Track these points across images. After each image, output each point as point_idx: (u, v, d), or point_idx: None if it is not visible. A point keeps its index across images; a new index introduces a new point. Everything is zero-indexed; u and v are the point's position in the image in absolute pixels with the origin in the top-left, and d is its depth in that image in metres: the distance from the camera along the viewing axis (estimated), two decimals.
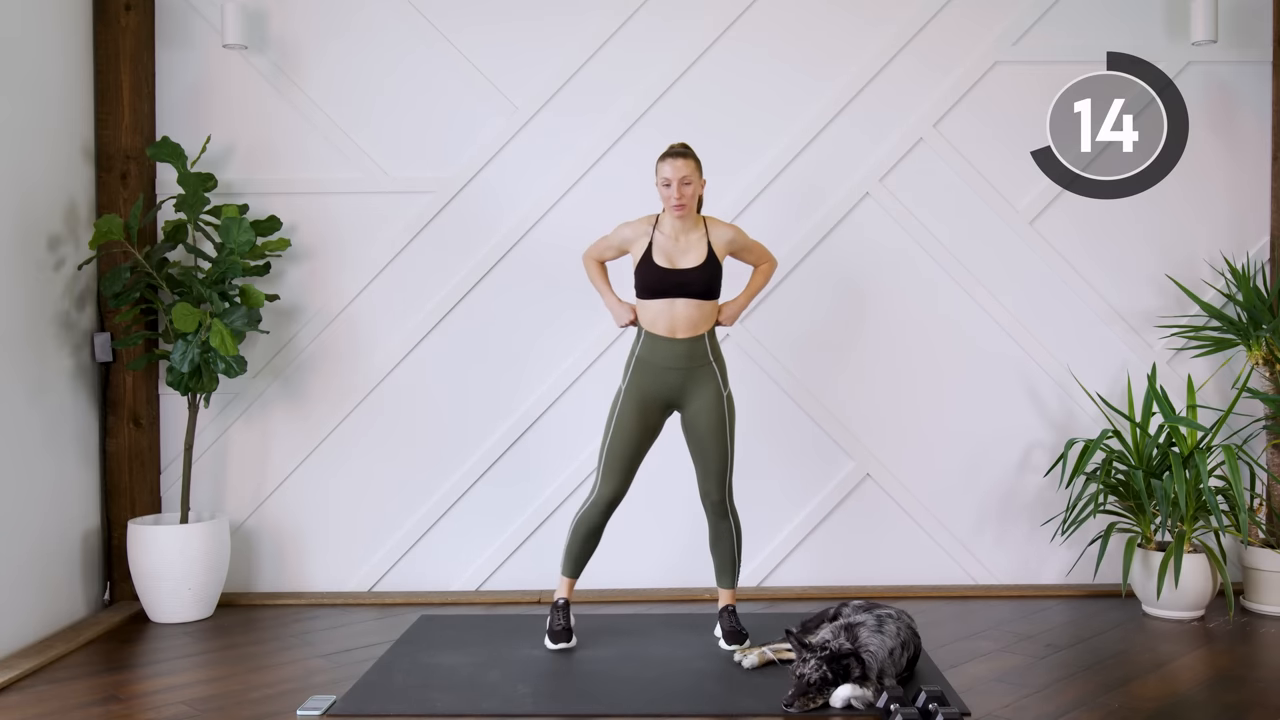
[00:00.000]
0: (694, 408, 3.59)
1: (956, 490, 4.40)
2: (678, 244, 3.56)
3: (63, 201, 4.00)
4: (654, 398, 3.59)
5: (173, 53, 4.36)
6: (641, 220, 3.63)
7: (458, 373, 4.39)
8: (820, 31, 4.39)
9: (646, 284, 3.54)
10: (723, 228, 3.61)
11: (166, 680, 3.38)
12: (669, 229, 3.57)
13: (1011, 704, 3.07)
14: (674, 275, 3.52)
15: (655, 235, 3.57)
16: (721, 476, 3.61)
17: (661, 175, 3.53)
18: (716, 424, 3.58)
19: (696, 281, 3.52)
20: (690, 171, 3.52)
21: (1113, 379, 4.40)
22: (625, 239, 3.63)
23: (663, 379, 3.57)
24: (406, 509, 4.40)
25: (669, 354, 3.55)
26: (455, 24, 4.38)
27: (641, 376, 3.58)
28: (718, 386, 3.59)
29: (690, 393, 3.58)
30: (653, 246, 3.55)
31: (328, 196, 4.38)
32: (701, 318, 3.56)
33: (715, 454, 3.59)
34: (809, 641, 3.08)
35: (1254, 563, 4.03)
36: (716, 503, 3.64)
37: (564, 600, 3.68)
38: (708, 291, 3.55)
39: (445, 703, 3.09)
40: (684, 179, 3.50)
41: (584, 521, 3.62)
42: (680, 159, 3.52)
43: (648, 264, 3.53)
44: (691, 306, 3.53)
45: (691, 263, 3.54)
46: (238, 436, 4.39)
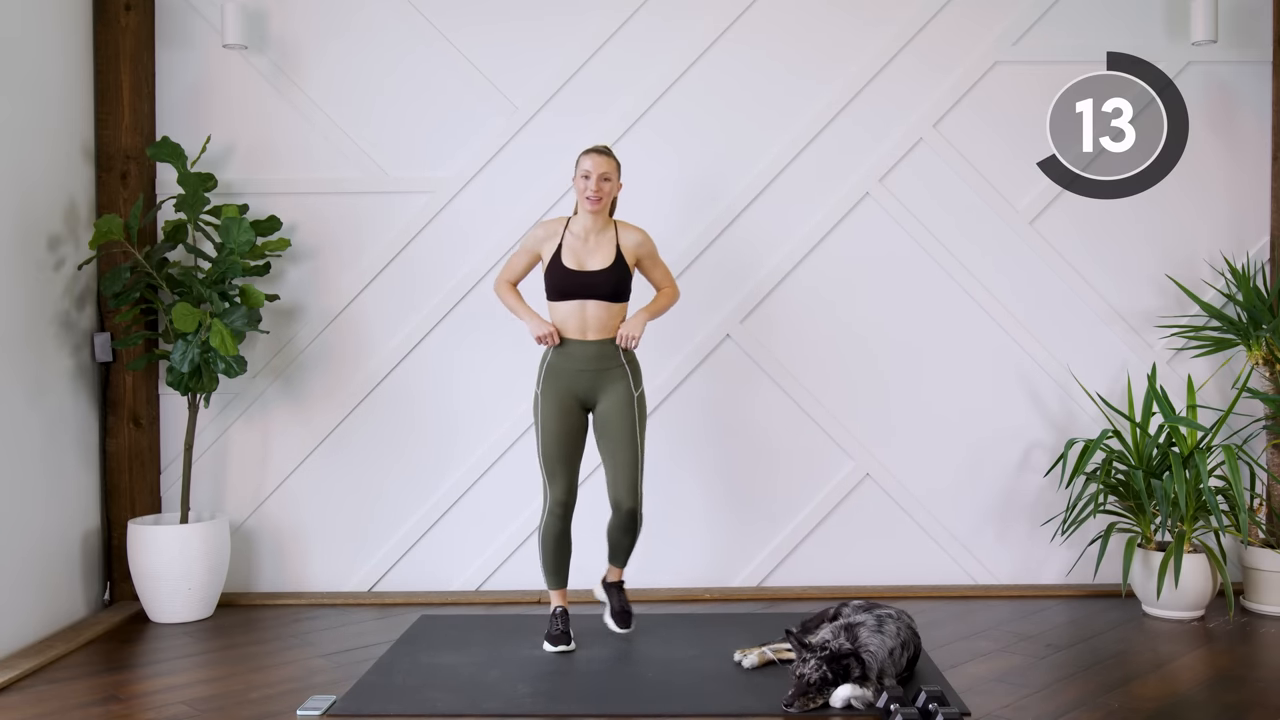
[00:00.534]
0: (603, 408, 3.59)
1: (956, 490, 4.40)
2: (586, 244, 3.58)
3: (63, 201, 4.01)
4: (569, 397, 3.59)
5: (173, 53, 4.36)
6: (553, 221, 3.66)
7: (457, 372, 4.39)
8: (820, 31, 4.39)
9: (556, 285, 3.56)
10: (632, 231, 3.63)
11: (166, 680, 3.38)
12: (579, 229, 3.60)
13: (1011, 704, 3.07)
14: (581, 276, 3.54)
15: (565, 236, 3.59)
16: (632, 481, 3.57)
17: (581, 168, 3.55)
18: (626, 424, 3.57)
19: (604, 283, 3.54)
20: (610, 170, 3.56)
21: (1113, 379, 4.40)
22: (536, 239, 3.63)
23: (575, 380, 3.58)
24: (406, 509, 4.40)
25: (580, 355, 3.56)
26: (455, 24, 4.38)
27: (555, 379, 3.59)
28: (628, 386, 3.59)
29: (601, 393, 3.59)
30: (562, 248, 3.57)
31: (328, 196, 4.38)
32: (610, 319, 3.57)
33: (625, 455, 3.57)
34: (809, 641, 3.08)
35: (1254, 563, 4.03)
36: (629, 511, 3.58)
37: (560, 609, 3.67)
38: (616, 294, 3.56)
39: (445, 703, 3.09)
40: (603, 175, 3.53)
41: (548, 531, 3.61)
42: (602, 155, 3.57)
43: (556, 265, 3.56)
44: (601, 308, 3.55)
45: (599, 264, 3.55)
46: (238, 436, 4.39)
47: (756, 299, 4.37)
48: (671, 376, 4.35)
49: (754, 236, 4.38)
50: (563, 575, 3.68)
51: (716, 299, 4.37)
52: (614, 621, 3.69)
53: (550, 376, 3.59)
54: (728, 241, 4.38)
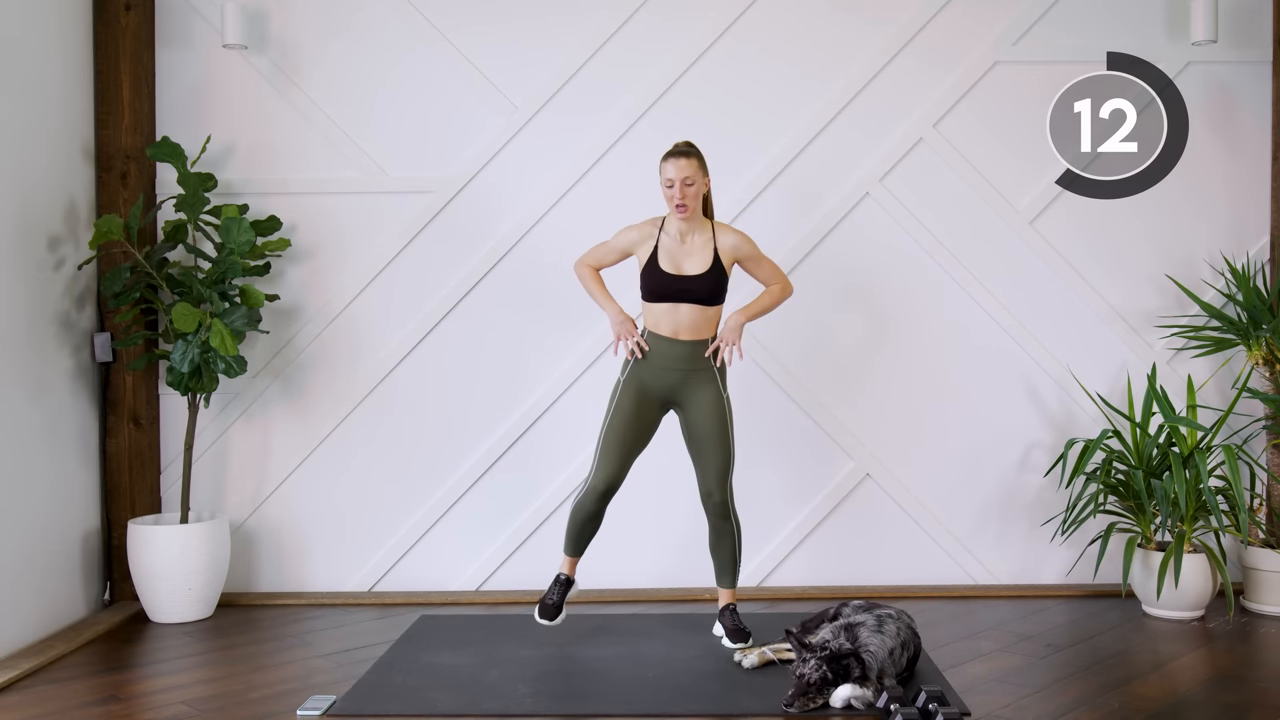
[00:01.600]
0: (693, 410, 3.59)
1: (956, 490, 4.40)
2: (683, 246, 3.54)
3: (63, 201, 4.00)
4: (652, 394, 3.59)
5: (173, 53, 4.36)
6: (646, 223, 3.60)
7: (458, 372, 4.39)
8: (820, 31, 4.39)
9: (651, 288, 3.54)
10: (730, 234, 3.58)
11: (166, 680, 3.38)
12: (674, 231, 3.55)
13: (1011, 704, 3.07)
14: (679, 281, 3.51)
15: (661, 238, 3.55)
16: (723, 477, 3.61)
17: (664, 176, 3.50)
18: (717, 426, 3.57)
19: (700, 288, 3.51)
20: (693, 171, 3.48)
21: (1113, 379, 4.40)
22: (630, 242, 3.60)
23: (662, 377, 3.57)
24: (406, 509, 4.40)
25: (670, 354, 3.55)
26: (455, 24, 4.38)
27: (642, 371, 3.58)
28: (717, 389, 3.59)
29: (689, 394, 3.58)
30: (658, 250, 3.53)
31: (328, 196, 4.38)
32: (705, 322, 3.55)
33: (716, 455, 3.59)
34: (809, 641, 3.08)
35: (1254, 563, 4.03)
36: (719, 504, 3.63)
37: (564, 576, 3.69)
38: (712, 298, 3.53)
39: (445, 703, 3.09)
40: (686, 179, 3.46)
41: (580, 509, 3.62)
42: (683, 158, 3.49)
43: (653, 269, 3.52)
44: (695, 311, 3.52)
45: (696, 268, 3.52)
46: (238, 436, 4.39)
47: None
48: None
49: (753, 235, 4.35)
50: (581, 546, 3.69)
51: None
52: (728, 638, 3.63)
53: (637, 366, 3.58)
54: None
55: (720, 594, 3.73)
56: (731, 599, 3.71)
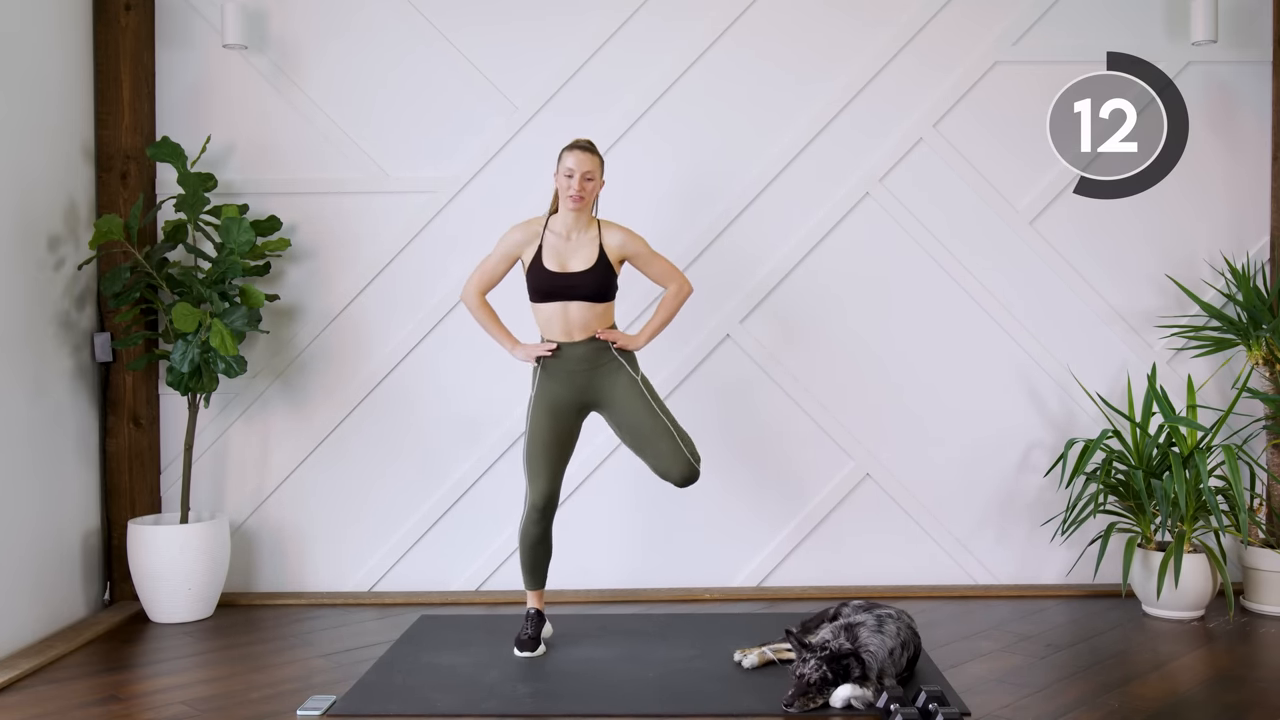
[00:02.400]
0: (614, 405, 3.53)
1: (956, 490, 4.40)
2: (569, 243, 3.50)
3: (63, 201, 4.00)
4: (565, 401, 3.53)
5: (173, 53, 4.36)
6: (531, 221, 3.57)
7: (458, 372, 4.39)
8: (820, 31, 4.39)
9: (538, 287, 3.49)
10: (617, 231, 3.53)
11: (166, 680, 3.38)
12: (560, 227, 3.51)
13: (1011, 704, 3.07)
14: (564, 279, 3.46)
15: (545, 236, 3.51)
16: (677, 450, 3.48)
17: (565, 165, 3.46)
18: (643, 410, 3.50)
19: (586, 285, 3.46)
20: (594, 167, 3.47)
21: (1113, 379, 4.40)
22: (515, 243, 3.55)
23: (570, 381, 3.52)
24: (407, 509, 4.40)
25: (570, 357, 3.51)
26: (455, 24, 4.38)
27: (549, 381, 3.53)
28: (628, 375, 3.53)
29: (602, 392, 3.53)
30: (543, 248, 3.49)
31: (328, 196, 4.38)
32: (595, 319, 3.50)
33: (660, 435, 3.48)
34: (809, 641, 3.08)
35: (1254, 563, 4.03)
36: (684, 477, 3.49)
37: (534, 611, 3.64)
38: (599, 295, 3.48)
39: (445, 703, 3.09)
40: (586, 173, 3.44)
41: (525, 535, 3.58)
42: (586, 153, 3.47)
43: (538, 268, 3.48)
44: (585, 309, 3.48)
45: (581, 265, 3.48)
46: (238, 436, 4.39)
47: (756, 299, 4.37)
48: (671, 377, 4.34)
49: (754, 236, 4.38)
50: (539, 576, 3.64)
51: (716, 299, 4.36)
52: None
53: (544, 379, 3.55)
54: (728, 241, 4.38)
55: None
56: None
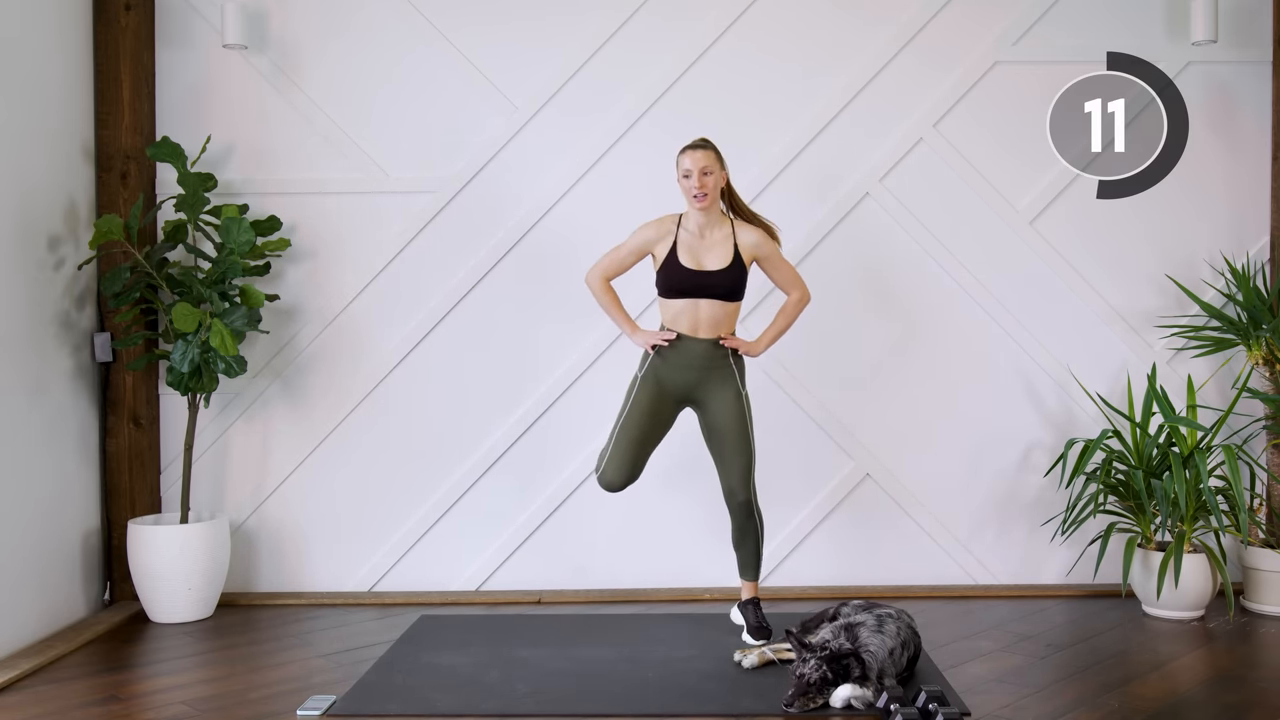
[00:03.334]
0: (713, 408, 3.57)
1: (956, 490, 4.40)
2: (703, 241, 3.53)
3: (63, 201, 4.00)
4: (669, 391, 3.57)
5: (173, 53, 4.36)
6: (665, 219, 3.59)
7: (458, 372, 4.39)
8: (820, 31, 4.39)
9: (670, 284, 3.51)
10: (751, 231, 3.56)
11: (166, 680, 3.38)
12: (693, 225, 3.54)
13: (1011, 704, 3.07)
14: (699, 276, 3.49)
15: (680, 233, 3.53)
16: (746, 476, 3.59)
17: (682, 167, 3.49)
18: (737, 425, 3.57)
19: (721, 284, 3.49)
20: (710, 161, 3.48)
21: (1113, 379, 4.40)
22: (647, 240, 3.57)
23: (681, 374, 3.55)
24: (407, 509, 4.40)
25: (689, 351, 3.54)
26: (455, 24, 4.38)
27: (660, 368, 3.56)
28: (736, 387, 3.58)
29: (707, 392, 3.57)
30: (678, 245, 3.51)
31: (328, 196, 4.38)
32: (725, 317, 3.54)
33: (738, 454, 3.57)
34: (809, 641, 3.08)
35: (1254, 563, 4.03)
36: (743, 502, 3.61)
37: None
38: (732, 294, 3.52)
39: (445, 703, 3.09)
40: (704, 169, 3.46)
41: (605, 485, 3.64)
42: (699, 150, 3.49)
43: (673, 264, 3.50)
44: (715, 307, 3.51)
45: (716, 264, 3.50)
46: (238, 436, 4.39)
47: (756, 299, 4.37)
48: None
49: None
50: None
51: None
52: (751, 635, 3.64)
53: (658, 364, 3.56)
54: None
55: (744, 587, 3.75)
56: (754, 593, 3.73)
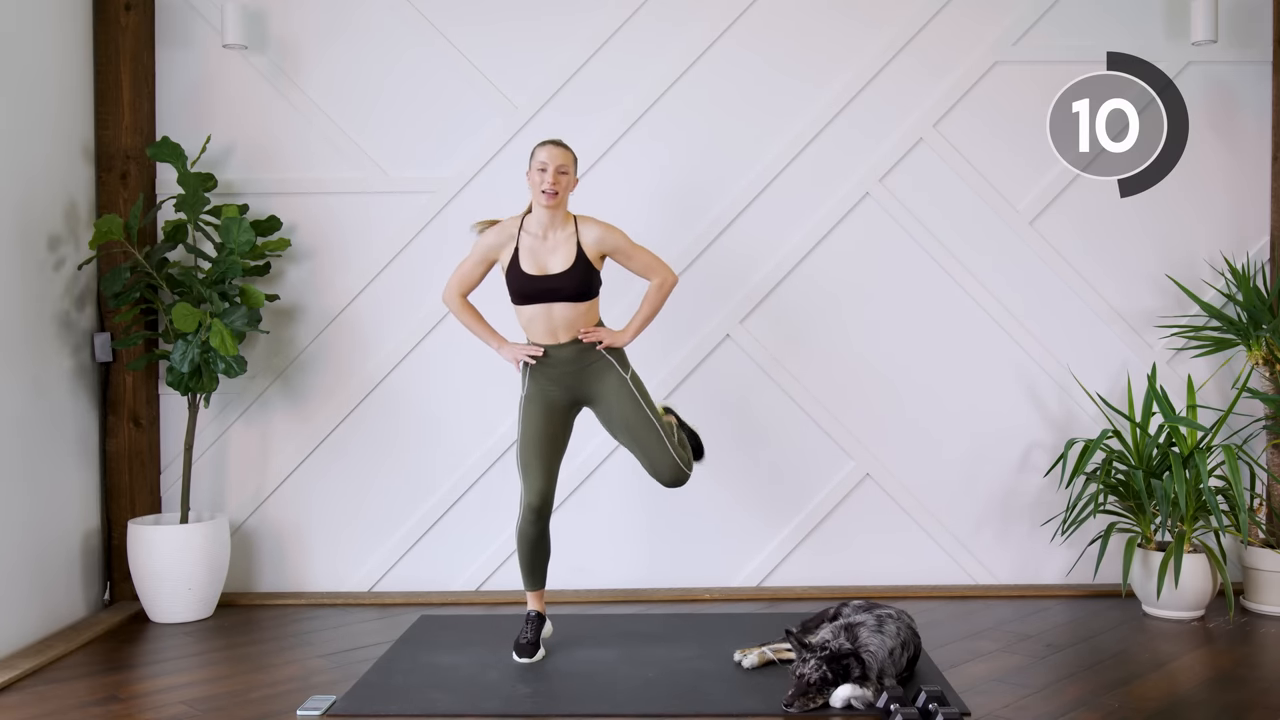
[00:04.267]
0: (604, 402, 3.50)
1: (956, 490, 4.40)
2: (545, 243, 3.43)
3: (63, 201, 4.00)
4: (556, 401, 3.51)
5: (173, 53, 4.36)
6: (505, 223, 3.50)
7: (458, 372, 4.39)
8: (820, 31, 4.39)
9: (517, 290, 3.43)
10: (594, 227, 3.44)
11: (166, 680, 3.38)
12: (535, 226, 3.45)
13: (1011, 704, 3.07)
14: (543, 281, 3.39)
15: (521, 237, 3.44)
16: (662, 450, 3.48)
17: (537, 160, 3.40)
18: (632, 409, 3.47)
19: (567, 286, 3.39)
20: (568, 162, 3.42)
21: (1113, 379, 4.40)
22: (490, 247, 3.48)
23: (559, 382, 3.49)
24: (407, 509, 4.40)
25: (557, 359, 3.47)
26: (455, 24, 4.38)
27: (539, 381, 3.50)
28: (618, 374, 3.49)
29: (592, 389, 3.50)
30: (519, 251, 3.43)
31: (328, 196, 4.38)
32: (580, 317, 3.44)
33: (646, 434, 3.47)
34: (809, 641, 3.08)
35: (1254, 563, 4.03)
36: (673, 480, 3.51)
37: (534, 614, 3.59)
38: (581, 294, 3.41)
39: (445, 703, 3.09)
40: (560, 167, 3.39)
41: (522, 535, 3.52)
42: (558, 147, 3.43)
43: (515, 271, 3.42)
44: (569, 309, 3.41)
45: (560, 266, 3.40)
46: (238, 436, 4.39)
47: (756, 299, 4.37)
48: (671, 376, 4.34)
49: (754, 236, 4.38)
50: (538, 577, 3.59)
51: (716, 299, 4.37)
52: None
53: (533, 380, 3.51)
54: (728, 241, 4.38)
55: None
56: None
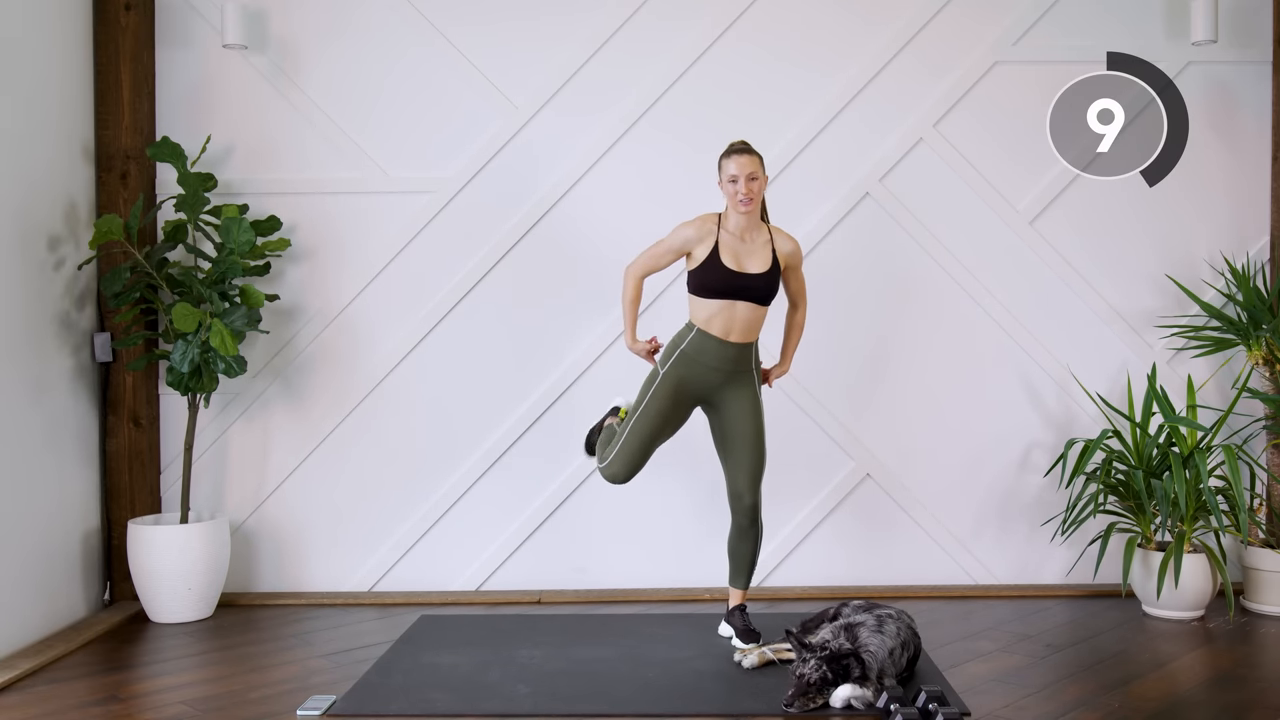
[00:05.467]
0: (730, 411, 3.55)
1: (956, 490, 4.40)
2: (744, 244, 3.49)
3: (63, 201, 4.00)
4: (690, 392, 3.54)
5: (173, 53, 4.36)
6: (704, 218, 3.52)
7: (457, 372, 4.39)
8: (820, 31, 4.39)
9: (709, 284, 3.46)
10: (788, 240, 3.56)
11: (166, 680, 3.38)
12: (734, 227, 3.49)
13: (1011, 704, 3.07)
14: (741, 279, 3.45)
15: (721, 234, 3.48)
16: (756, 480, 3.56)
17: (727, 172, 3.44)
18: (753, 429, 3.54)
19: (761, 287, 3.46)
20: (756, 167, 3.44)
21: (1113, 379, 4.40)
22: (687, 239, 3.50)
23: (705, 377, 3.52)
24: (406, 509, 4.40)
25: (718, 355, 3.50)
26: (455, 24, 4.38)
27: (684, 369, 3.52)
28: (755, 391, 3.57)
29: (728, 395, 3.55)
30: (720, 246, 3.46)
31: (328, 196, 4.38)
32: (758, 322, 3.52)
33: (751, 458, 3.55)
34: (809, 641, 3.08)
35: (1254, 563, 4.03)
36: (749, 507, 3.57)
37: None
38: (767, 297, 3.50)
39: (445, 703, 3.09)
40: (750, 174, 3.42)
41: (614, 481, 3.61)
42: (745, 155, 3.44)
43: (714, 264, 3.44)
44: (751, 310, 3.48)
45: (758, 268, 3.47)
46: (238, 436, 4.39)
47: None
48: None
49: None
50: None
51: None
52: (739, 639, 3.60)
53: (681, 363, 3.52)
54: None
55: (732, 594, 3.70)
56: (743, 599, 3.69)
